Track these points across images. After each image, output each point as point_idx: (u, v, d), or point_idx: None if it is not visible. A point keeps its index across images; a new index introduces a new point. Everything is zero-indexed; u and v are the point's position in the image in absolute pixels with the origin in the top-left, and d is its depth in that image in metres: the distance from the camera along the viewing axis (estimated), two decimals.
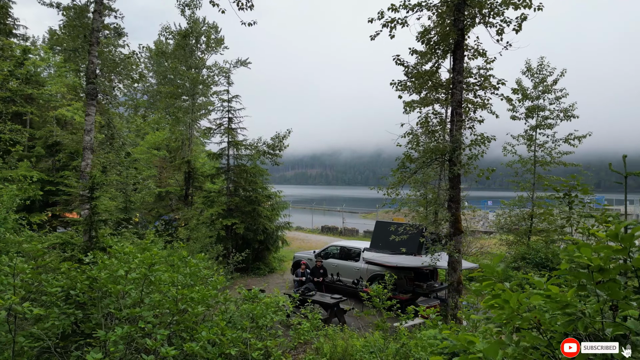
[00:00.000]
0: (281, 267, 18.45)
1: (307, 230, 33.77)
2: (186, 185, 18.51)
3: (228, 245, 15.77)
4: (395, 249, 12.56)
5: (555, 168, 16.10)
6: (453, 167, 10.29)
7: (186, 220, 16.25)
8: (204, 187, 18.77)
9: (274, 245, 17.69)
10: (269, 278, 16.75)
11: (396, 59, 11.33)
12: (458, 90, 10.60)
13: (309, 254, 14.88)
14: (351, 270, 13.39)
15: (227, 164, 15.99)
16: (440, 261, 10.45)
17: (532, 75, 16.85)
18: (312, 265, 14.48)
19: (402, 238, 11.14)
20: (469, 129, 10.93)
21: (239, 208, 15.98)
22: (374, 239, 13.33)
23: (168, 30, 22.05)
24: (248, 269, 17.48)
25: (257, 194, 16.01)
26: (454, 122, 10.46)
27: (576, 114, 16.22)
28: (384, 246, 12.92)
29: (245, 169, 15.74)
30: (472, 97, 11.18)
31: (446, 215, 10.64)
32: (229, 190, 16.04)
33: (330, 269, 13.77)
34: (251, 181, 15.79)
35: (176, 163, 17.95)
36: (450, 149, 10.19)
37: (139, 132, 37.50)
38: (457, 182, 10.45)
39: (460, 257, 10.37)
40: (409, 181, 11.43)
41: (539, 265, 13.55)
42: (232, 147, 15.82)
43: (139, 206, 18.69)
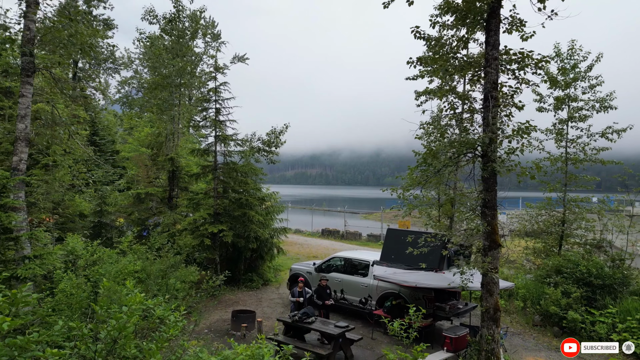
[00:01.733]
0: (277, 279, 16.36)
1: (306, 234, 31.69)
2: (170, 186, 16.43)
3: (214, 256, 13.69)
4: (411, 262, 10.46)
5: (593, 166, 14.01)
6: (489, 164, 8.22)
7: (167, 226, 14.17)
8: (190, 188, 16.68)
9: (269, 253, 15.60)
10: (262, 292, 14.67)
11: (415, 31, 9.22)
12: (493, 68, 8.51)
13: (308, 267, 12.79)
14: (358, 287, 11.31)
15: (214, 162, 13.90)
16: (472, 282, 8.35)
17: (562, 61, 14.77)
18: (312, 280, 12.39)
19: (422, 251, 9.03)
20: (505, 117, 8.83)
21: (227, 212, 13.89)
22: (385, 251, 11.23)
23: (152, 13, 19.95)
24: (239, 280, 15.41)
25: (248, 196, 13.91)
26: (489, 107, 8.37)
27: (614, 104, 14.15)
28: (398, 259, 10.83)
29: (235, 168, 13.63)
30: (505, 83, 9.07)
31: (478, 225, 8.56)
32: (216, 192, 13.95)
33: (333, 284, 11.71)
34: (241, 181, 13.68)
35: (159, 161, 15.86)
36: (485, 141, 8.09)
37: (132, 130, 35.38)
38: (493, 182, 8.36)
39: (498, 277, 8.29)
40: (431, 181, 9.34)
41: (579, 281, 11.46)
42: (220, 143, 13.72)
43: (118, 209, 16.62)
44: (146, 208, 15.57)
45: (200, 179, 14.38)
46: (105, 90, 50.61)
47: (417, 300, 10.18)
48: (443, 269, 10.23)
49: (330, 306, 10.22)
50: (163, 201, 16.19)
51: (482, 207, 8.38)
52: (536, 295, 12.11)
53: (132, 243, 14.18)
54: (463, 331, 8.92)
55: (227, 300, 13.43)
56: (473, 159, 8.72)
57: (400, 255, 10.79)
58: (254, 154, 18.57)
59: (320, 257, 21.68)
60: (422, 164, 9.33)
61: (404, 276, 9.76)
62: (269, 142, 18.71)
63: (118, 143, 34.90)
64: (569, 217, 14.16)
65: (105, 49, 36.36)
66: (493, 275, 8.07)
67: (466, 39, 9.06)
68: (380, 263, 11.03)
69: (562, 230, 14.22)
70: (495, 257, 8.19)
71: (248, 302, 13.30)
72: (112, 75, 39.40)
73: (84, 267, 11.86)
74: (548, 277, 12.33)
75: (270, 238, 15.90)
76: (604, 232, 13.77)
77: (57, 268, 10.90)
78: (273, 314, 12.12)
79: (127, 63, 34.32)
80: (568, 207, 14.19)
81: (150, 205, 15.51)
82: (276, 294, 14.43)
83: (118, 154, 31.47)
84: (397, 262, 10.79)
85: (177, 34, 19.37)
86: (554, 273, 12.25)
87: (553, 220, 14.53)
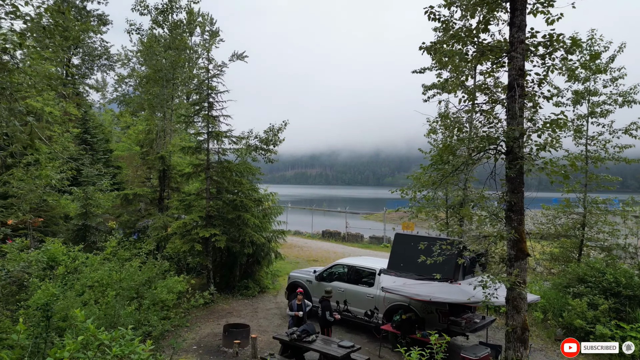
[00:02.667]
0: (274, 285, 15.31)
1: (306, 236, 30.66)
2: (161, 187, 15.37)
3: (206, 262, 12.64)
4: (422, 272, 9.40)
5: (616, 164, 12.96)
6: (516, 162, 7.18)
7: (157, 230, 13.11)
8: (183, 188, 15.63)
9: (266, 258, 14.56)
10: (258, 300, 13.61)
11: (430, 12, 8.15)
12: (519, 52, 7.46)
13: (307, 274, 11.74)
14: (363, 298, 10.26)
15: (206, 160, 12.84)
16: (497, 297, 7.29)
17: (581, 52, 13.71)
18: (312, 289, 11.34)
19: (436, 260, 7.98)
20: (532, 108, 7.78)
21: (221, 215, 12.85)
22: (393, 258, 10.16)
23: (143, 3, 18.86)
24: (234, 288, 14.37)
25: (243, 197, 12.86)
26: (515, 97, 7.32)
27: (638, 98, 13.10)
28: (407, 267, 9.77)
29: (229, 167, 12.56)
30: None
31: (501, 231, 7.51)
32: (209, 193, 12.89)
33: (336, 295, 10.67)
34: (236, 182, 12.61)
35: (149, 159, 14.80)
36: (513, 135, 7.04)
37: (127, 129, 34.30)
38: (519, 183, 7.31)
39: (526, 292, 7.24)
40: (447, 180, 8.29)
41: (606, 292, 10.42)
42: (213, 140, 12.65)
43: (106, 211, 15.57)
44: (134, 210, 14.51)
45: (191, 178, 13.33)
46: (103, 88, 49.63)
47: (430, 314, 9.15)
48: (459, 280, 9.17)
49: (330, 324, 9.17)
50: (153, 202, 15.13)
51: (507, 210, 7.33)
52: (558, 306, 11.06)
53: (117, 248, 13.16)
54: (484, 351, 7.88)
55: (220, 311, 12.38)
56: (495, 156, 7.66)
57: (410, 263, 9.74)
58: (251, 153, 17.56)
59: (321, 260, 20.63)
60: (437, 162, 8.29)
61: (416, 288, 8.70)
62: (267, 140, 17.69)
63: (114, 142, 33.88)
64: (590, 220, 13.11)
65: (99, 45, 35.51)
66: (521, 290, 7.03)
67: (486, 20, 8.00)
68: (387, 272, 9.97)
69: (582, 234, 13.18)
70: (523, 268, 7.15)
71: (243, 313, 12.25)
72: (107, 72, 38.44)
73: (63, 274, 10.83)
74: (570, 287, 11.27)
75: (267, 242, 14.86)
76: (628, 237, 12.74)
77: (33, 276, 9.90)
78: (269, 327, 11.07)
79: (124, 61, 33.31)
80: (589, 209, 13.13)
81: (139, 207, 14.45)
82: (273, 302, 13.38)
83: (112, 153, 30.45)
84: (406, 271, 9.72)
85: (170, 26, 18.32)
86: (577, 282, 11.20)
87: (573, 223, 13.48)
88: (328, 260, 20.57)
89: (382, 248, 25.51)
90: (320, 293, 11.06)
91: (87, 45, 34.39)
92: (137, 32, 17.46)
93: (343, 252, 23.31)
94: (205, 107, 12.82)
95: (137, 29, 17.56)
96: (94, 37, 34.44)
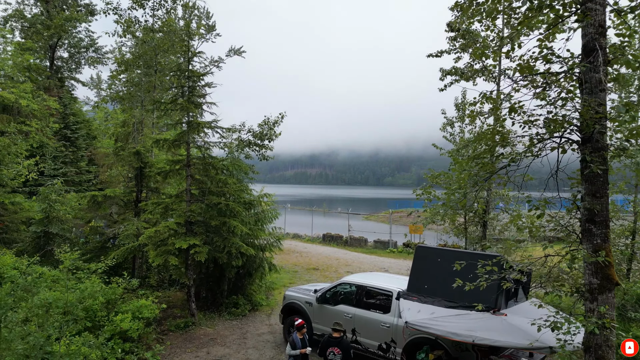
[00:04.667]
0: (268, 302, 13.23)
1: (305, 239, 28.58)
2: (137, 187, 13.28)
3: (184, 280, 10.57)
4: (453, 296, 7.31)
5: None
6: (598, 153, 5.11)
7: (128, 238, 11.04)
8: (162, 189, 13.56)
9: (258, 270, 12.50)
10: (249, 321, 11.53)
11: None
12: (598, 3, 5.40)
13: (307, 294, 9.65)
14: (376, 327, 8.17)
15: (186, 156, 10.76)
16: (572, 341, 5.20)
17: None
18: (313, 313, 9.27)
19: (476, 285, 5.91)
20: (612, 80, 5.71)
21: (204, 222, 10.78)
22: (415, 277, 8.06)
23: None
24: (220, 305, 12.32)
25: (230, 200, 10.78)
26: (595, 64, 5.25)
27: None
28: (433, 290, 7.68)
29: (212, 163, 10.47)
30: None
31: (571, 251, 5.44)
32: (189, 195, 10.82)
33: (342, 321, 8.61)
34: (220, 181, 10.52)
35: (123, 155, 12.71)
36: (589, 116, 4.96)
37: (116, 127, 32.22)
38: (602, 184, 5.24)
39: (615, 335, 5.16)
40: (494, 179, 6.21)
41: None
42: (194, 131, 10.57)
43: (75, 215, 13.49)
44: (105, 215, 12.45)
45: (169, 177, 11.25)
46: (98, 86, 47.45)
47: (464, 352, 7.07)
48: (502, 308, 7.10)
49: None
50: (128, 205, 13.04)
51: (586, 222, 5.26)
52: None
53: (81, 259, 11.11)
54: None
55: (202, 336, 10.30)
56: (562, 146, 5.57)
57: (436, 285, 7.66)
58: (244, 149, 15.55)
59: (322, 269, 18.55)
60: (481, 154, 6.20)
61: (451, 323, 6.61)
62: (262, 135, 15.66)
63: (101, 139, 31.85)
64: None
65: (85, 35, 33.41)
66: (609, 335, 4.97)
67: None
68: (408, 295, 7.87)
69: (632, 245, 11.12)
70: (611, 303, 5.07)
71: (229, 340, 10.17)
72: (95, 65, 36.34)
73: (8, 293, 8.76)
74: (627, 310, 9.20)
75: (261, 251, 12.80)
76: None
77: None
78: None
79: (118, 58, 31.33)
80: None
81: (109, 211, 12.38)
82: (266, 324, 11.30)
83: (96, 150, 28.39)
84: (432, 294, 7.64)
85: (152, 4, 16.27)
86: (637, 302, 9.14)
87: (620, 231, 11.41)
88: (330, 269, 18.48)
89: (388, 253, 23.45)
90: (323, 320, 9.02)
91: (73, 35, 32.33)
92: (114, 12, 15.44)
93: (346, 258, 21.24)
94: (184, 92, 10.74)
95: (113, 9, 15.52)
96: (79, 27, 32.39)
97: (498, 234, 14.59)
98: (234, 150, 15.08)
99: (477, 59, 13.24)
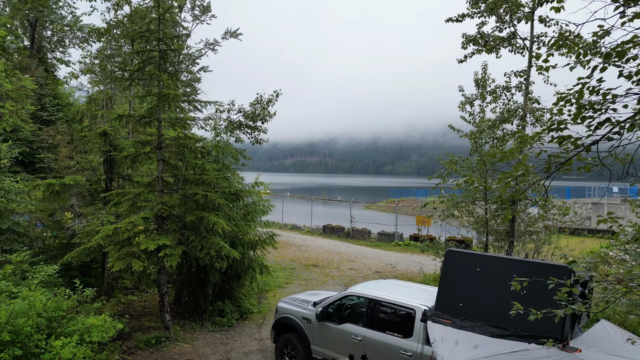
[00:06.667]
0: (260, 308, 11.39)
1: (305, 231, 26.73)
2: (107, 175, 11.32)
3: (152, 288, 8.67)
4: (502, 320, 5.40)
5: None
6: None
7: (88, 236, 9.10)
8: (135, 177, 11.59)
9: (248, 272, 10.62)
10: (235, 333, 9.68)
11: None
12: None
13: (303, 307, 7.75)
14: (394, 354, 6.27)
15: (157, 136, 8.77)
16: None
17: None
18: (311, 331, 7.39)
19: (547, 314, 4.01)
20: None
21: (179, 217, 8.85)
22: (446, 290, 6.13)
23: None
24: (203, 312, 10.47)
25: (210, 190, 8.81)
26: None
27: None
28: (472, 309, 5.78)
29: (187, 144, 8.47)
30: None
31: None
32: (161, 184, 8.86)
33: (349, 346, 6.75)
34: (196, 166, 8.53)
35: (89, 135, 10.69)
36: None
37: None
38: None
39: None
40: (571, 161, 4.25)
41: None
42: (165, 105, 8.55)
43: (26, 209, 11.57)
44: (64, 207, 10.51)
45: (138, 162, 9.26)
46: (92, 69, 45.09)
47: None
48: (569, 338, 5.20)
49: None
50: (95, 196, 11.09)
51: None
52: None
53: (37, 259, 9.24)
54: None
55: (177, 355, 8.44)
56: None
57: (476, 303, 5.76)
58: (234, 131, 13.59)
59: (322, 265, 16.71)
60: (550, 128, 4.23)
61: None
62: (253, 115, 13.66)
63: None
64: None
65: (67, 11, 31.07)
66: None
67: None
68: (437, 316, 5.96)
69: None
70: None
71: (209, 355, 8.32)
72: (81, 45, 34.08)
73: None
74: None
75: (251, 250, 10.92)
76: None
77: None
78: None
79: (90, 27, 29.09)
80: None
81: (70, 202, 10.43)
82: (256, 339, 9.44)
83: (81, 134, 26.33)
84: (470, 316, 5.74)
85: None
86: None
87: None
88: (331, 265, 16.63)
89: (394, 247, 21.62)
90: (326, 342, 7.15)
91: (53, 11, 30.01)
92: None
93: (348, 252, 19.39)
94: (154, 58, 8.70)
95: None
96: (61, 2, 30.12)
97: (525, 228, 12.77)
98: (221, 132, 13.17)
99: (509, 23, 11.21)
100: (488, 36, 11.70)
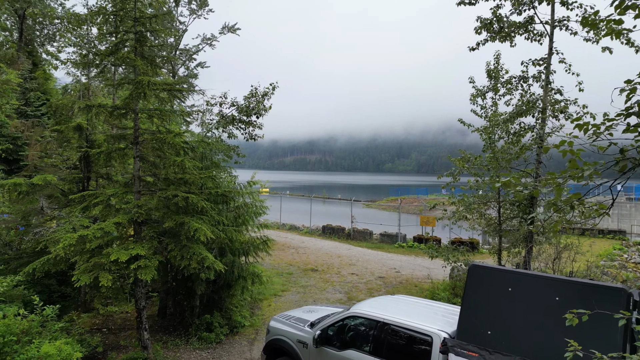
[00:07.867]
0: (253, 321, 10.32)
1: (303, 231, 25.66)
2: (84, 174, 10.23)
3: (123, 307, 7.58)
4: (542, 355, 4.35)
5: None
6: None
7: (55, 242, 8.04)
8: (114, 176, 10.51)
9: (238, 282, 9.55)
10: (223, 354, 8.61)
11: None
12: None
13: (300, 327, 6.68)
14: None
15: (134, 130, 7.69)
16: None
17: None
18: (307, 357, 6.33)
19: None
20: None
21: (159, 223, 7.78)
22: (471, 313, 5.07)
23: None
24: (189, 327, 9.41)
25: (191, 191, 7.72)
26: None
27: None
28: (505, 339, 4.72)
29: (166, 139, 7.36)
30: None
31: None
32: (139, 184, 7.78)
33: None
34: (174, 164, 7.42)
35: (63, 130, 9.62)
36: None
37: None
38: None
39: None
40: None
41: None
42: (141, 94, 7.46)
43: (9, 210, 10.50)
44: (32, 210, 9.44)
45: (113, 159, 8.18)
46: (71, 59, 43.86)
47: None
48: None
49: None
50: (67, 196, 10.01)
51: None
52: None
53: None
54: None
55: None
56: None
57: (509, 331, 4.70)
58: (226, 126, 12.60)
59: (322, 269, 15.63)
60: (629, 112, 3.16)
61: None
62: (248, 109, 12.62)
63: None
64: None
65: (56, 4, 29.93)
66: None
67: None
68: (461, 347, 4.90)
69: None
70: None
71: None
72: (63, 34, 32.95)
73: None
74: None
75: (243, 256, 9.86)
76: None
77: None
78: None
79: (69, 12, 27.85)
80: None
81: (39, 205, 9.36)
82: (246, 358, 8.37)
83: None
84: (503, 347, 4.68)
85: None
86: None
87: None
88: (331, 270, 15.55)
89: (397, 249, 20.55)
90: None
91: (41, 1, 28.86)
92: None
93: (349, 255, 18.32)
94: (128, 40, 7.60)
95: None
96: None
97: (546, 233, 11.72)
98: (212, 128, 12.15)
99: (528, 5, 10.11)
100: (504, 20, 10.61)
